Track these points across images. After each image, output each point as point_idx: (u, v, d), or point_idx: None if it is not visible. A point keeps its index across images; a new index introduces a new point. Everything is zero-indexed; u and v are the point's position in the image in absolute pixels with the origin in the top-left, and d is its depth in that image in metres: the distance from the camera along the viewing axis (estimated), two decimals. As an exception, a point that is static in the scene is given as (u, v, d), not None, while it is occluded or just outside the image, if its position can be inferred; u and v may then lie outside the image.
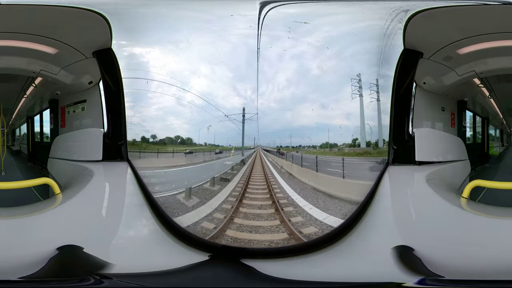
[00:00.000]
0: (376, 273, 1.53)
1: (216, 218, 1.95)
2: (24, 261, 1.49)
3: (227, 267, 1.60)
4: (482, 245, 1.60)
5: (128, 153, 2.19)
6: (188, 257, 1.63)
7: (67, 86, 2.38)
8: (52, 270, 1.45)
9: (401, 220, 1.79)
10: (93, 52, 2.19)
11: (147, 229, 1.80)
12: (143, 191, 1.96)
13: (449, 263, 1.52)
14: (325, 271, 1.59)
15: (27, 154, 2.67)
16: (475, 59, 2.27)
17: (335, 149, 2.29)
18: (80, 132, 2.37)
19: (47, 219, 1.73)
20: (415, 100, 2.28)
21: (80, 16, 2.00)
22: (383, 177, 2.02)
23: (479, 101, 2.61)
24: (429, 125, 2.38)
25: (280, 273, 1.54)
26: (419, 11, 1.98)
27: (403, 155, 2.19)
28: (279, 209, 2.05)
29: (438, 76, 2.36)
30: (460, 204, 1.90)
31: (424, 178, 2.05)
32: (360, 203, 1.86)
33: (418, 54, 2.21)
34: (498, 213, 1.89)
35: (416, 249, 1.58)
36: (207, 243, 1.77)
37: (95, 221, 1.78)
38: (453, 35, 2.15)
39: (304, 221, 1.93)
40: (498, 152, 2.73)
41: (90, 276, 1.42)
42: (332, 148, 2.30)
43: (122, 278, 1.44)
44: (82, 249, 1.55)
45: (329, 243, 1.70)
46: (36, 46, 2.19)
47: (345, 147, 2.25)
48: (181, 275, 1.52)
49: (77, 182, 2.07)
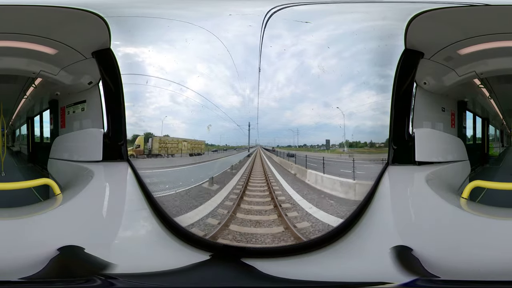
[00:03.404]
0: (375, 273, 1.54)
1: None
2: (25, 261, 1.49)
3: (228, 266, 1.61)
4: (481, 246, 1.61)
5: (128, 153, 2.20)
6: (189, 257, 1.64)
7: (66, 87, 2.38)
8: (54, 271, 1.46)
9: (400, 220, 1.80)
10: (92, 52, 2.19)
11: (148, 229, 1.81)
12: (143, 191, 1.96)
13: (447, 263, 1.52)
14: (324, 270, 1.60)
15: (27, 154, 2.67)
16: (476, 59, 2.26)
17: (344, 149, 2.28)
18: (80, 133, 2.36)
19: (48, 220, 1.73)
20: (416, 100, 2.28)
21: (78, 16, 2.00)
22: (382, 177, 2.02)
23: (479, 101, 2.61)
24: (429, 125, 2.37)
25: (280, 273, 1.55)
26: (422, 12, 1.98)
27: (403, 155, 2.19)
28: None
29: (438, 77, 2.35)
30: (460, 204, 1.90)
31: (424, 178, 2.05)
32: (359, 203, 1.87)
33: (419, 54, 2.20)
34: (497, 214, 1.89)
35: (415, 249, 1.58)
36: (208, 242, 1.78)
37: (95, 221, 1.78)
38: (454, 35, 2.15)
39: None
40: (498, 153, 2.73)
41: (94, 276, 1.42)
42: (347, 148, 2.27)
43: (127, 278, 1.45)
44: (83, 250, 1.56)
45: (328, 243, 1.70)
46: (35, 47, 2.18)
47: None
48: (185, 275, 1.53)
49: (77, 182, 2.07)
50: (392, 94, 2.14)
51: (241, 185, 2.42)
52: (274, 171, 2.68)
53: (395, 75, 2.14)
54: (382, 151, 2.18)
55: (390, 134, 2.16)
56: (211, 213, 2.07)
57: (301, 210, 2.11)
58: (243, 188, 2.40)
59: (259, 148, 2.65)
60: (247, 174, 2.61)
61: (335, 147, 2.33)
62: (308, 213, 2.07)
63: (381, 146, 2.22)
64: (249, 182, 2.52)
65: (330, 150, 2.37)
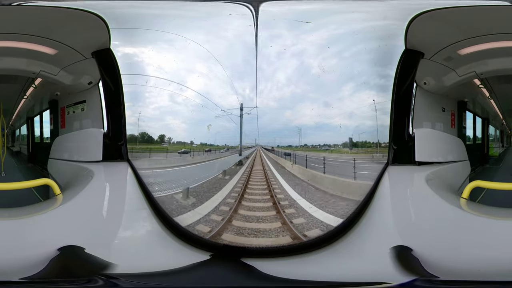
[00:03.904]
0: (374, 273, 1.54)
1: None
2: (25, 261, 1.49)
3: (228, 266, 1.62)
4: (481, 246, 1.61)
5: (128, 153, 2.19)
6: (189, 257, 1.64)
7: (66, 87, 2.38)
8: (54, 271, 1.46)
9: (400, 220, 1.80)
10: (92, 52, 2.19)
11: (148, 229, 1.81)
12: (143, 191, 1.96)
13: (447, 263, 1.52)
14: (324, 270, 1.60)
15: (27, 154, 2.67)
16: (476, 59, 2.26)
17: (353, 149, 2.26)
18: (80, 133, 2.36)
19: (48, 220, 1.73)
20: (416, 100, 2.28)
21: (78, 16, 2.00)
22: (382, 177, 2.02)
23: (479, 101, 2.60)
24: (429, 126, 2.37)
25: (280, 272, 1.55)
26: (423, 12, 1.98)
27: (403, 155, 2.19)
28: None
29: (438, 77, 2.35)
30: (460, 204, 1.90)
31: (424, 178, 2.05)
32: (359, 202, 1.87)
33: (419, 54, 2.20)
34: (497, 214, 1.89)
35: (415, 249, 1.58)
36: (208, 242, 1.78)
37: (95, 221, 1.79)
38: (454, 35, 2.14)
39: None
40: (498, 153, 2.72)
41: (96, 276, 1.43)
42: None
43: (129, 278, 1.45)
44: (83, 250, 1.56)
45: (328, 243, 1.71)
46: (35, 47, 2.18)
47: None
48: (186, 275, 1.53)
49: (77, 182, 2.07)
50: (392, 94, 2.14)
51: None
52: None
53: (395, 75, 2.14)
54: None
55: (390, 134, 2.16)
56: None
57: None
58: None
59: (258, 148, 2.64)
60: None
61: (339, 147, 2.33)
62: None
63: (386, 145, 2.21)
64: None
65: (331, 150, 2.37)
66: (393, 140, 2.17)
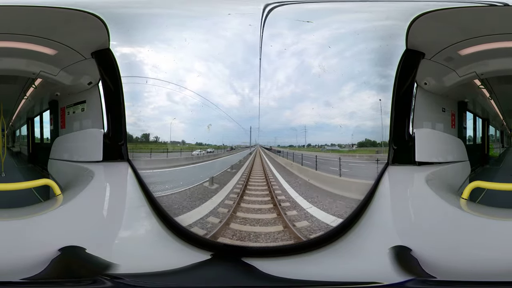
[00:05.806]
0: (374, 272, 1.54)
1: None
2: (26, 262, 1.49)
3: (228, 266, 1.62)
4: (481, 246, 1.61)
5: (128, 153, 2.19)
6: (190, 256, 1.64)
7: (66, 87, 2.38)
8: (55, 271, 1.46)
9: (400, 220, 1.80)
10: (91, 52, 2.18)
11: (149, 229, 1.81)
12: (143, 191, 1.96)
13: (446, 264, 1.53)
14: (324, 270, 1.61)
15: (27, 155, 2.66)
16: (476, 60, 2.26)
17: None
18: (80, 133, 2.36)
19: (48, 220, 1.73)
20: (416, 101, 2.27)
21: (77, 17, 1.99)
22: (382, 177, 2.02)
23: (480, 102, 2.60)
24: (430, 126, 2.37)
25: (280, 272, 1.55)
26: (424, 12, 1.97)
27: (403, 155, 2.19)
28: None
29: (439, 77, 2.35)
30: (460, 205, 1.90)
31: (424, 178, 2.05)
32: (359, 202, 1.87)
33: (420, 54, 2.20)
34: (497, 214, 1.89)
35: (414, 249, 1.58)
36: (209, 242, 1.78)
37: (96, 221, 1.79)
38: (455, 36, 2.14)
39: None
40: (498, 154, 2.72)
41: (99, 277, 1.43)
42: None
43: (133, 278, 1.45)
44: (84, 250, 1.56)
45: (328, 242, 1.71)
46: (35, 48, 2.18)
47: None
48: (187, 275, 1.54)
49: (77, 183, 2.07)
50: (392, 94, 2.14)
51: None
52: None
53: (395, 75, 2.13)
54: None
55: (390, 134, 2.16)
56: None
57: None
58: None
59: (258, 148, 2.64)
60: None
61: (340, 147, 2.33)
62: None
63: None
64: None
65: (341, 151, 2.35)
66: (393, 140, 2.17)
